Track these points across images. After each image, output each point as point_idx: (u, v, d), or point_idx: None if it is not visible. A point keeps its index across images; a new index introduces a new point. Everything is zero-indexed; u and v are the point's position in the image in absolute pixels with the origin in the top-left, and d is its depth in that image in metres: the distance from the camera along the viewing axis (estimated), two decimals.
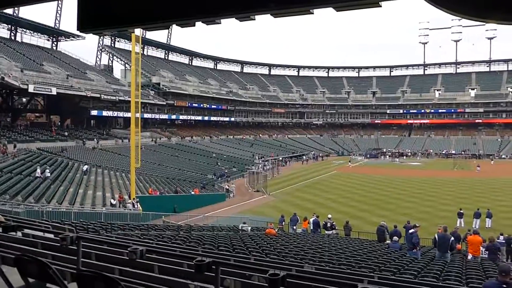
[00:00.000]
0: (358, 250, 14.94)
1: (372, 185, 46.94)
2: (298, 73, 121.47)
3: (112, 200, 29.00)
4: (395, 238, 17.21)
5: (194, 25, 2.50)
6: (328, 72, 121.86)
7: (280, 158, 71.89)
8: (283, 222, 26.25)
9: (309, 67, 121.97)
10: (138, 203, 28.93)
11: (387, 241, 18.91)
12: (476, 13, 1.27)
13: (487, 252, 16.46)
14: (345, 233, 23.60)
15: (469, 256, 15.81)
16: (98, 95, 59.22)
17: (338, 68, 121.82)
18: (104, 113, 63.60)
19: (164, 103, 76.16)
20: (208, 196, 39.41)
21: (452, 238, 14.77)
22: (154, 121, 77.71)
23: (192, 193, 38.49)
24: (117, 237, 10.77)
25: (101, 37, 77.83)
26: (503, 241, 20.09)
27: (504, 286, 5.72)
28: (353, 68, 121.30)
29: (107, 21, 2.50)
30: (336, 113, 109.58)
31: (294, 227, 25.14)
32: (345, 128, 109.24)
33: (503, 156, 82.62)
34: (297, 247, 14.22)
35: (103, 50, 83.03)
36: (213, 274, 2.97)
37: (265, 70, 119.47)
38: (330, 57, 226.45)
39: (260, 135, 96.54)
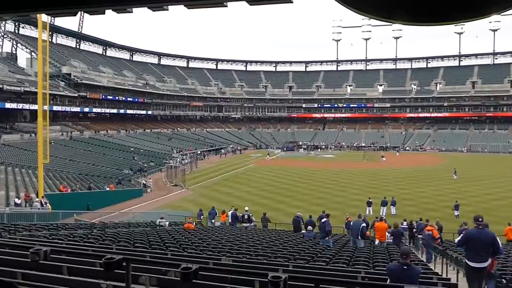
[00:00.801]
0: (274, 241, 15.32)
1: (289, 177, 48.35)
2: (217, 66, 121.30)
3: (16, 199, 26.91)
4: (310, 227, 17.89)
5: (103, 13, 2.39)
6: (246, 66, 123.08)
7: (199, 152, 71.48)
8: (202, 216, 26.19)
9: (228, 61, 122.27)
10: (47, 202, 27.19)
11: (303, 231, 19.60)
12: (381, 14, 1.33)
13: (392, 237, 17.73)
14: (262, 224, 24.08)
15: (376, 242, 16.90)
16: (0, 86, 54.56)
17: (256, 62, 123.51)
18: (7, 105, 58.59)
19: (76, 95, 72.02)
20: (124, 192, 38.12)
21: (364, 224, 15.86)
22: (65, 114, 73.30)
23: (107, 189, 36.97)
24: (22, 239, 10.05)
25: (2, 22, 71.61)
26: (406, 226, 21.82)
27: (405, 267, 6.25)
28: (271, 62, 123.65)
29: (5, 4, 2.29)
30: (254, 106, 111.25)
31: (213, 221, 25.20)
32: (263, 122, 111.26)
33: (407, 148, 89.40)
34: (215, 240, 14.25)
35: (5, 36, 76.38)
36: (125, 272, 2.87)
37: (183, 63, 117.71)
38: (248, 52, 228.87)
39: (178, 128, 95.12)
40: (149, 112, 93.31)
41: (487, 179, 46.36)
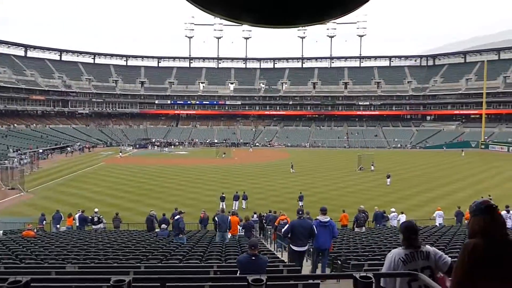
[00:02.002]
0: (127, 242, 14.81)
1: (141, 175, 47.08)
2: (61, 57, 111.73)
3: None
4: (163, 226, 17.73)
5: None
6: (94, 58, 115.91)
7: (41, 151, 65.21)
8: (44, 221, 23.99)
9: (73, 52, 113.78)
10: None
11: (156, 230, 19.31)
12: (228, 14, 1.36)
13: (243, 230, 18.52)
14: (114, 225, 23.09)
15: (229, 235, 17.48)
16: None
17: (105, 55, 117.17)
18: None
19: None
20: None
21: (229, 217, 16.39)
22: None
23: None
24: None
25: None
26: (257, 219, 23.05)
27: (253, 258, 6.62)
28: (121, 56, 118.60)
29: None
30: (103, 102, 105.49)
31: (58, 226, 23.28)
32: (114, 118, 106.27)
33: (257, 144, 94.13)
34: (59, 247, 13.19)
35: None
36: None
37: (20, 51, 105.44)
38: (96, 44, 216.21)
39: (16, 125, 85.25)
40: None
41: (325, 171, 51.34)
